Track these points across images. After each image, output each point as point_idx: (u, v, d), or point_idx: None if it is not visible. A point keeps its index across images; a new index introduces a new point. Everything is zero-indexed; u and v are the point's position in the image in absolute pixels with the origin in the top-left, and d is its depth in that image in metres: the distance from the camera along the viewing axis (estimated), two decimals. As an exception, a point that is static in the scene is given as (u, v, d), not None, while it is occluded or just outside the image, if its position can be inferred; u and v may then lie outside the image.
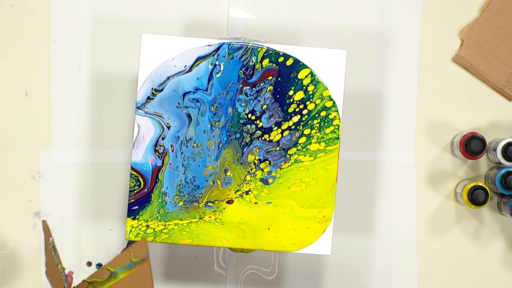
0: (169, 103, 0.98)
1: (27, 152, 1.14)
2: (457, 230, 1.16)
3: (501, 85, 1.16)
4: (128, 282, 0.90)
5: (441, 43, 1.16)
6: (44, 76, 1.14)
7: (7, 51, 1.14)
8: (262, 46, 0.98)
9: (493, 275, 1.16)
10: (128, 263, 0.91)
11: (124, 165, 1.14)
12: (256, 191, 0.99)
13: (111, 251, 1.14)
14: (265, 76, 0.98)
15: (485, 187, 1.10)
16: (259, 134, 0.99)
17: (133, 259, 0.91)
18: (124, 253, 0.90)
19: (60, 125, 1.14)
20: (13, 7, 1.15)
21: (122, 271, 0.91)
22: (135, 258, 0.91)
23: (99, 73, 1.14)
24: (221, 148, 0.99)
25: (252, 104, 0.98)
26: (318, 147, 0.98)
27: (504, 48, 1.15)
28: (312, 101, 0.98)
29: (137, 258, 0.91)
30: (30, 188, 1.14)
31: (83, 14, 1.15)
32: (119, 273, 0.91)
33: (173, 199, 0.98)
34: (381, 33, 1.16)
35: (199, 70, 0.98)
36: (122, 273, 0.91)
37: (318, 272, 1.16)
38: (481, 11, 1.16)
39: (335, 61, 0.98)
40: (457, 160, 1.16)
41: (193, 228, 0.98)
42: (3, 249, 1.14)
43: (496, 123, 1.16)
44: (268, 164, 0.99)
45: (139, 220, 0.98)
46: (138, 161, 0.98)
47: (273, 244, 0.99)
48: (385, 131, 1.16)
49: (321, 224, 0.98)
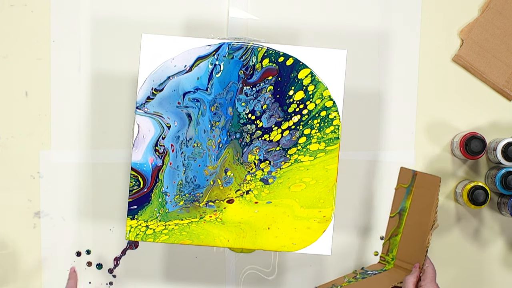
0: (169, 103, 0.98)
1: (27, 152, 1.14)
2: (457, 230, 1.16)
3: (501, 85, 1.16)
4: (417, 203, 0.98)
5: (441, 43, 1.16)
6: (44, 76, 1.14)
7: (7, 51, 1.14)
8: (262, 46, 0.98)
9: (493, 275, 1.16)
10: (405, 193, 1.00)
11: (124, 165, 1.14)
12: (256, 190, 0.99)
13: (111, 251, 1.14)
14: (265, 76, 0.98)
15: (485, 187, 1.10)
16: (259, 134, 0.99)
17: (405, 186, 1.00)
18: (396, 192, 1.00)
19: (60, 125, 1.14)
20: (13, 7, 1.15)
21: (405, 202, 0.99)
22: (406, 184, 1.00)
23: (99, 73, 1.14)
24: (221, 148, 0.99)
25: (252, 104, 0.98)
26: (318, 147, 0.98)
27: (504, 48, 1.15)
28: (312, 101, 0.98)
29: (407, 182, 1.00)
30: (30, 188, 1.14)
31: (83, 14, 1.15)
32: (405, 205, 0.99)
33: (174, 199, 0.98)
34: (381, 33, 1.16)
35: (199, 70, 0.98)
36: (407, 202, 0.99)
37: (318, 272, 1.16)
38: (481, 11, 1.16)
39: (335, 61, 0.98)
40: (457, 160, 1.16)
41: (193, 228, 0.98)
42: (3, 249, 1.14)
43: (496, 123, 1.16)
44: (268, 164, 0.99)
45: (138, 220, 0.98)
46: (138, 161, 0.98)
47: (273, 244, 0.99)
48: (385, 131, 1.16)
49: (321, 224, 0.98)
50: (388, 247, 0.99)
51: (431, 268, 0.95)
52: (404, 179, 1.00)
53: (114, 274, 1.15)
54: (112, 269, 1.15)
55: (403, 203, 0.99)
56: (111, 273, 1.15)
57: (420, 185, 0.98)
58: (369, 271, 1.01)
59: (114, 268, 1.15)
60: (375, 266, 1.02)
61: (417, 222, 0.97)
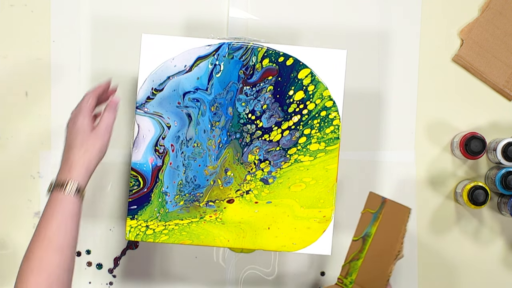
0: (169, 103, 0.98)
1: (27, 152, 1.14)
2: (457, 230, 1.16)
3: (501, 85, 1.16)
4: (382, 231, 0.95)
5: (441, 43, 1.16)
6: (44, 76, 1.14)
7: (7, 51, 1.14)
8: (262, 46, 0.98)
9: (493, 275, 1.16)
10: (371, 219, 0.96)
11: (124, 165, 1.14)
12: (256, 190, 0.99)
13: (111, 251, 1.14)
14: (265, 76, 0.98)
15: (485, 187, 1.10)
16: (259, 134, 0.99)
17: (372, 211, 0.97)
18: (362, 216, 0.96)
19: (60, 125, 1.14)
20: (13, 7, 1.15)
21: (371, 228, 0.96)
22: (374, 210, 0.96)
23: (99, 73, 1.14)
24: (221, 148, 0.99)
25: (252, 104, 0.98)
26: (318, 147, 0.98)
27: (504, 48, 1.15)
28: (312, 101, 0.98)
29: (375, 208, 0.96)
30: (30, 188, 1.14)
31: (83, 14, 1.15)
32: (370, 231, 0.96)
33: (174, 199, 0.98)
34: (381, 33, 1.16)
35: (199, 70, 0.98)
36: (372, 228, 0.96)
37: (318, 272, 1.16)
38: (481, 11, 1.16)
39: (335, 61, 0.98)
40: (457, 160, 1.16)
41: (193, 228, 0.98)
42: (4, 249, 1.14)
43: (496, 123, 1.16)
44: (268, 164, 0.99)
45: (138, 220, 0.98)
46: (138, 161, 0.98)
47: (273, 244, 0.99)
48: (385, 131, 1.16)
49: (321, 224, 0.98)
50: (348, 270, 0.97)
51: None
52: (372, 205, 0.97)
53: (114, 274, 1.15)
54: (112, 269, 1.15)
55: (369, 228, 0.97)
56: (111, 273, 1.15)
57: (388, 213, 0.96)
58: None
59: (114, 268, 1.15)
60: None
61: (381, 250, 0.95)
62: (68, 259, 0.84)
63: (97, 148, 0.90)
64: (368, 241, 0.97)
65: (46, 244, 0.83)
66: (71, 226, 0.85)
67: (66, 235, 0.84)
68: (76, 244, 0.86)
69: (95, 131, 0.91)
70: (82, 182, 0.87)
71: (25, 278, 0.81)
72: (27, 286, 0.81)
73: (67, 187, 0.86)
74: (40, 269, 0.82)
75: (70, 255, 0.84)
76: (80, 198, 0.87)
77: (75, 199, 0.86)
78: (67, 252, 0.84)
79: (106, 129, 0.91)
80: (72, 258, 0.85)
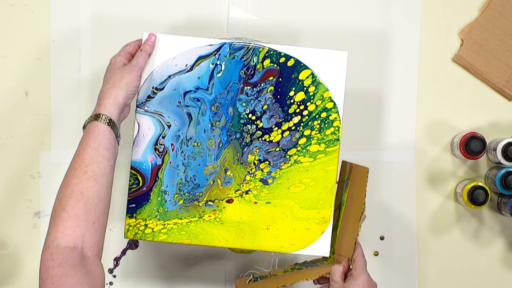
0: (170, 102, 0.98)
1: (27, 152, 1.14)
2: (457, 230, 1.16)
3: (501, 85, 1.16)
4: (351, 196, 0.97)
5: (441, 43, 1.16)
6: (44, 76, 1.14)
7: (7, 51, 1.14)
8: (264, 47, 0.98)
9: (493, 275, 1.16)
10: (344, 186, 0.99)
11: (124, 165, 1.13)
12: (255, 191, 0.99)
13: (111, 251, 1.14)
14: (266, 77, 0.98)
15: (485, 187, 1.10)
16: (259, 134, 0.99)
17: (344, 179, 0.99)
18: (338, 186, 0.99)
19: (60, 125, 1.14)
20: (13, 7, 1.15)
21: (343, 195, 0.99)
22: (344, 177, 0.99)
23: (99, 73, 1.14)
24: (221, 147, 0.99)
25: (253, 104, 0.98)
26: (318, 148, 0.98)
27: (504, 48, 1.15)
28: (313, 102, 0.98)
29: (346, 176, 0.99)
30: (30, 188, 1.14)
31: (83, 14, 1.14)
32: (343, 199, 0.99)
33: (173, 198, 0.98)
34: (381, 33, 1.16)
35: (200, 69, 0.98)
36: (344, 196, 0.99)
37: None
38: (481, 11, 1.16)
39: (336, 62, 0.98)
40: (457, 160, 1.16)
41: (192, 227, 0.98)
42: (3, 249, 1.14)
43: (496, 123, 1.16)
44: (267, 165, 0.99)
45: (137, 219, 0.98)
46: (137, 160, 0.98)
47: (271, 245, 0.98)
48: (385, 131, 1.16)
49: (320, 225, 0.98)
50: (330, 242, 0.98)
51: (361, 257, 0.95)
52: (343, 173, 0.99)
53: (114, 274, 1.15)
54: (112, 269, 1.15)
55: (342, 196, 0.98)
56: (111, 273, 1.15)
57: (355, 177, 0.97)
58: (309, 263, 1.01)
59: (114, 268, 1.15)
60: (317, 259, 1.02)
61: (350, 215, 0.97)
62: (104, 188, 0.87)
63: (124, 81, 0.94)
64: (342, 209, 0.98)
65: (81, 172, 0.87)
66: (103, 155, 0.88)
67: (99, 164, 0.88)
68: (111, 177, 0.90)
69: (125, 66, 0.96)
70: (111, 112, 0.91)
71: (64, 202, 0.85)
72: (66, 209, 0.84)
73: (98, 118, 0.90)
74: (78, 195, 0.85)
75: (106, 185, 0.88)
76: (112, 130, 0.91)
77: (106, 129, 0.90)
78: (102, 181, 0.87)
79: (135, 65, 0.96)
80: (108, 190, 0.88)
